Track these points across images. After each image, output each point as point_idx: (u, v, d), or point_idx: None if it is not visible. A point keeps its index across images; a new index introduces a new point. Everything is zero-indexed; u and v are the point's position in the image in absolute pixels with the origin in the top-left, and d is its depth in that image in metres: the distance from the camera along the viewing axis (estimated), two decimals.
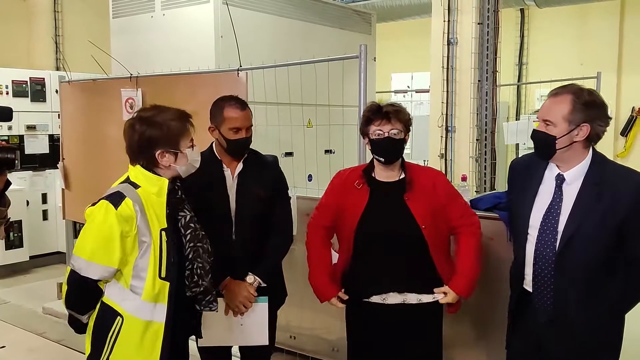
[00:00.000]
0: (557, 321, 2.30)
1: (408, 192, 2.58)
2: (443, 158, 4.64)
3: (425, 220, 2.54)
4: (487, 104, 4.24)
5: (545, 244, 2.28)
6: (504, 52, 8.85)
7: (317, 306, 3.67)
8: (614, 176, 2.24)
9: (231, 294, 2.71)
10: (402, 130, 2.56)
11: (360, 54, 3.31)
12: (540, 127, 2.27)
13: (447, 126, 4.57)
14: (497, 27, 4.19)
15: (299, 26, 5.17)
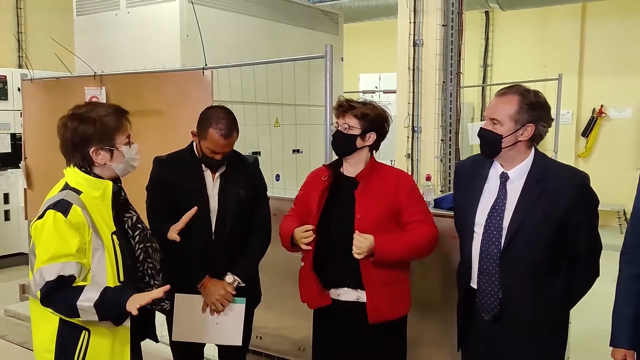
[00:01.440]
0: (502, 318, 2.33)
1: (360, 186, 2.58)
2: (409, 158, 4.69)
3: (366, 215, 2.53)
4: (451, 105, 4.30)
5: (490, 240, 2.32)
6: (469, 54, 9.01)
7: (283, 306, 3.70)
8: (555, 174, 2.30)
9: (209, 292, 2.71)
10: (355, 127, 2.56)
11: (326, 54, 3.33)
12: (487, 126, 2.32)
13: (413, 126, 4.61)
14: (461, 29, 4.25)
15: (266, 25, 5.17)
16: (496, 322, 2.36)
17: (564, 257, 2.33)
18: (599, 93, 8.82)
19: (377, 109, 2.63)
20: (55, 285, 2.00)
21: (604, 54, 8.71)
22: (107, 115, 2.18)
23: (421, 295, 3.06)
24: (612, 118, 8.84)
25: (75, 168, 2.18)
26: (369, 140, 2.60)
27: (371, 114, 2.58)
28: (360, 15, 7.95)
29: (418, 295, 2.77)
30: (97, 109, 2.20)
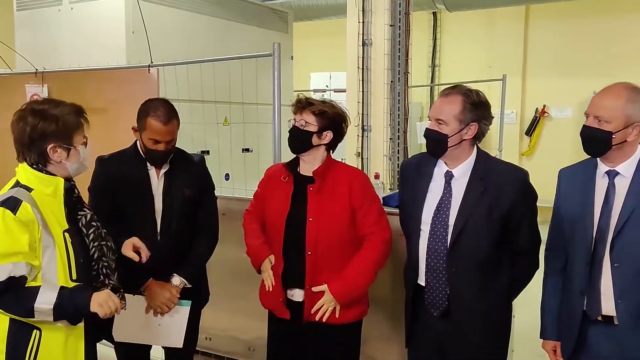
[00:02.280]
0: (450, 314, 2.39)
1: (315, 186, 2.58)
2: (360, 156, 4.72)
3: (317, 215, 2.53)
4: (399, 104, 4.34)
5: (437, 238, 2.37)
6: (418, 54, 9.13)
7: (233, 306, 3.68)
8: (498, 171, 2.38)
9: (153, 295, 2.66)
10: (312, 124, 2.55)
11: (274, 52, 3.32)
12: (432, 126, 2.37)
13: (363, 125, 4.64)
14: (408, 30, 4.28)
15: (215, 23, 5.12)
16: (444, 318, 2.41)
17: (506, 252, 2.40)
18: (541, 93, 9.09)
19: (336, 108, 2.63)
20: (6, 287, 1.97)
21: (547, 55, 8.98)
22: (69, 113, 2.18)
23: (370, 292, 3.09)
24: (554, 118, 9.13)
25: (26, 165, 2.15)
26: (325, 138, 2.59)
27: (329, 112, 2.58)
28: (310, 14, 7.95)
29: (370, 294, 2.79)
30: (59, 107, 2.18)
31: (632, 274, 2.06)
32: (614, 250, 2.08)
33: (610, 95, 2.10)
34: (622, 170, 2.12)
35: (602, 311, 2.13)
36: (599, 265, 2.12)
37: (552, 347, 2.37)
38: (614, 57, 8.23)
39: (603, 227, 2.11)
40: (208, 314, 2.97)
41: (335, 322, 2.57)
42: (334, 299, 2.50)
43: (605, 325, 2.14)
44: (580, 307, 2.18)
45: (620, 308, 2.08)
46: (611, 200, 2.12)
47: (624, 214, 2.06)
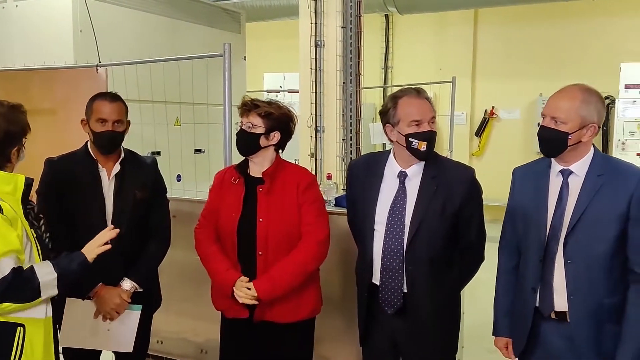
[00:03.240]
0: (405, 311, 2.42)
1: (264, 186, 2.59)
2: (313, 157, 4.73)
3: (267, 215, 2.55)
4: (351, 105, 4.38)
5: (394, 237, 2.40)
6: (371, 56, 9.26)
7: (184, 309, 3.64)
8: (449, 170, 2.45)
9: (102, 300, 2.60)
10: (259, 125, 2.55)
11: (225, 52, 3.30)
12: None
13: (316, 126, 4.66)
14: (360, 31, 4.32)
15: (165, 23, 5.05)
16: (399, 316, 2.44)
17: (457, 247, 2.46)
18: (490, 95, 9.29)
19: (282, 108, 2.63)
20: (13, 277, 1.98)
21: (495, 58, 9.19)
22: (22, 113, 2.20)
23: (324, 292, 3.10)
24: (502, 119, 9.35)
25: None
26: (273, 139, 2.59)
27: (275, 113, 2.58)
28: (263, 15, 7.93)
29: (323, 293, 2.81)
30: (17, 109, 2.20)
31: (584, 271, 2.12)
32: (567, 247, 2.14)
33: (566, 96, 2.16)
34: (575, 170, 2.18)
35: (554, 307, 2.18)
36: (551, 262, 2.17)
37: (504, 344, 2.42)
38: (559, 60, 8.49)
39: (556, 225, 2.17)
40: (159, 317, 2.94)
41: (287, 320, 2.58)
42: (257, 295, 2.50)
43: (557, 322, 2.19)
44: (533, 304, 2.23)
45: (572, 304, 2.14)
46: (565, 199, 2.17)
47: (577, 212, 2.12)
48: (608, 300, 2.13)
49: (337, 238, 3.16)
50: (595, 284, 2.12)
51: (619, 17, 8.22)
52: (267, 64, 9.39)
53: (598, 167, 2.16)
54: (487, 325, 2.49)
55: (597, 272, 2.11)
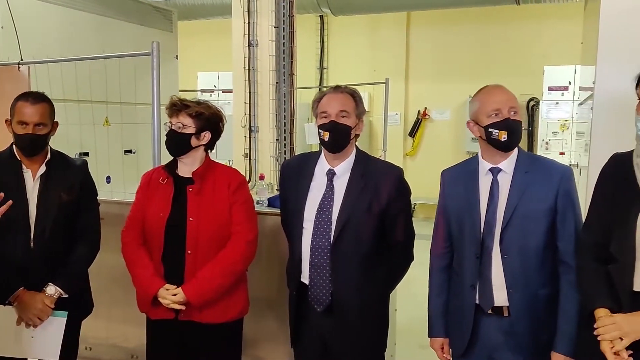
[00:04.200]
0: (333, 309, 2.43)
1: (194, 187, 2.57)
2: (247, 158, 4.71)
3: (198, 215, 2.53)
4: (285, 105, 4.39)
5: (321, 234, 2.41)
6: (306, 56, 9.30)
7: (113, 314, 3.55)
8: (376, 169, 2.48)
9: (24, 306, 2.49)
10: (189, 125, 2.54)
11: (153, 50, 3.23)
12: (337, 119, 2.41)
13: (250, 126, 4.64)
14: (293, 32, 4.34)
15: (93, 20, 4.90)
16: (328, 314, 2.44)
17: (385, 246, 2.48)
18: (422, 96, 9.51)
19: (212, 108, 2.63)
20: None
21: (427, 60, 9.41)
22: None
23: (256, 293, 3.09)
24: (434, 119, 9.58)
25: None
26: (203, 139, 2.58)
27: (206, 113, 2.57)
28: (195, 13, 7.82)
29: (253, 294, 2.80)
30: None
31: (520, 264, 2.18)
32: (503, 242, 2.19)
33: (504, 89, 2.25)
34: (504, 167, 2.25)
35: (494, 302, 2.22)
36: (488, 258, 2.22)
37: (439, 344, 2.43)
38: (487, 63, 8.77)
39: (490, 221, 2.22)
40: (87, 322, 2.84)
41: (215, 321, 2.56)
42: (187, 300, 2.49)
43: (496, 317, 2.23)
44: (472, 301, 2.26)
45: (512, 297, 2.19)
46: (496, 196, 2.23)
47: (510, 208, 2.18)
48: (543, 292, 2.20)
49: (270, 239, 3.16)
50: (530, 277, 2.19)
51: (543, 22, 8.58)
52: (201, 63, 9.28)
53: (524, 164, 2.24)
54: (420, 320, 2.53)
55: (531, 264, 2.19)
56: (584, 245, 2.08)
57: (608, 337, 1.84)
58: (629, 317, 1.83)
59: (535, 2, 6.91)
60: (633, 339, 1.80)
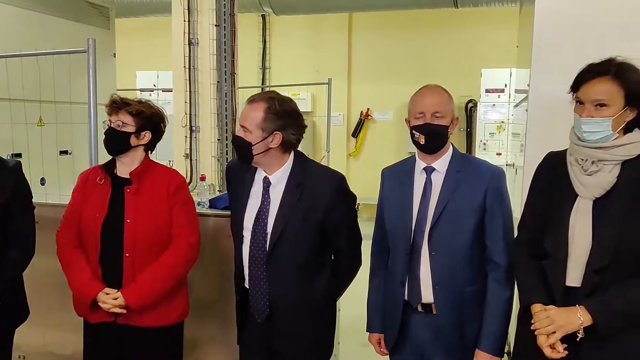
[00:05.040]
0: (273, 320, 2.40)
1: (132, 187, 2.52)
2: (188, 158, 4.63)
3: (136, 216, 2.48)
4: (226, 104, 4.33)
5: (257, 246, 2.36)
6: (248, 56, 9.24)
7: (48, 320, 3.42)
8: (314, 176, 2.40)
9: None
10: (129, 124, 2.49)
11: (89, 48, 3.13)
12: (239, 133, 2.33)
13: (191, 126, 4.57)
14: (234, 31, 4.28)
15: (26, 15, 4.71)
16: (269, 323, 2.41)
17: (328, 253, 2.46)
18: (365, 97, 9.61)
19: (153, 107, 2.59)
20: None
21: (369, 61, 9.50)
22: None
23: (197, 295, 3.04)
24: (377, 120, 9.70)
25: None
26: (143, 139, 2.54)
27: (147, 112, 2.54)
28: (134, 11, 7.63)
29: (194, 295, 2.75)
30: None
31: (447, 262, 2.23)
32: (431, 240, 2.23)
33: (436, 93, 2.27)
34: (437, 167, 2.29)
35: (422, 299, 2.27)
36: (417, 255, 2.26)
37: (377, 339, 2.48)
38: (427, 65, 8.95)
39: (421, 219, 2.26)
40: (21, 329, 2.72)
41: (154, 325, 2.52)
42: (127, 304, 2.44)
43: (425, 314, 2.28)
44: (402, 297, 2.30)
45: (437, 294, 2.24)
46: (428, 194, 2.28)
47: (440, 207, 2.23)
48: (469, 289, 2.25)
49: (211, 240, 3.13)
50: (457, 274, 2.24)
51: (481, 26, 8.81)
52: (140, 62, 9.08)
53: (457, 164, 2.29)
54: (362, 319, 2.54)
55: (458, 262, 2.23)
56: (519, 241, 2.15)
57: (543, 331, 1.90)
58: (561, 311, 1.90)
59: (472, 6, 7.08)
60: (566, 332, 1.87)
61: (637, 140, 1.94)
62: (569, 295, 1.92)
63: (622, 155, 1.93)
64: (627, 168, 1.93)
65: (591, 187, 1.93)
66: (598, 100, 1.92)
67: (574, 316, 1.86)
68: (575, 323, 1.86)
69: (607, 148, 1.93)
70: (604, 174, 1.93)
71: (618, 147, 1.93)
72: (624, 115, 1.93)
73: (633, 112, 1.94)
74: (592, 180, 1.94)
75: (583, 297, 1.89)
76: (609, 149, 1.93)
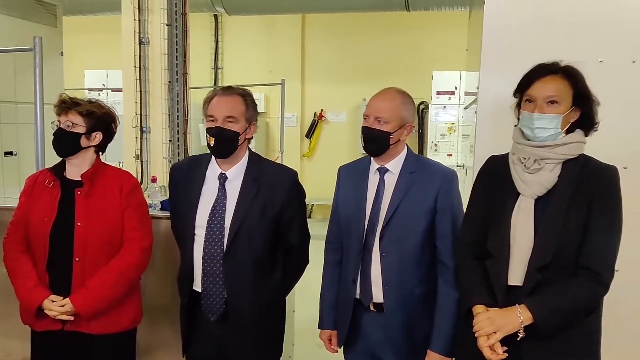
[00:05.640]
0: (228, 317, 2.40)
1: (83, 189, 2.46)
2: (139, 159, 4.56)
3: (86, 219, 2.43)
4: (178, 105, 4.29)
5: (213, 241, 2.36)
6: (200, 55, 9.15)
7: None
8: (270, 172, 2.46)
9: None
10: (80, 125, 2.44)
11: (35, 46, 3.05)
12: (225, 125, 2.34)
13: (141, 127, 4.50)
14: (186, 30, 4.25)
15: None
16: (222, 322, 2.40)
17: (280, 250, 2.48)
18: (319, 98, 9.64)
19: (104, 107, 2.54)
20: None
21: (323, 62, 9.54)
22: None
23: (150, 300, 2.99)
24: (330, 121, 9.74)
25: None
26: (94, 140, 2.49)
27: (97, 112, 2.48)
28: (83, 9, 7.44)
29: (146, 300, 2.70)
30: None
31: (397, 262, 2.25)
32: (382, 240, 2.26)
33: (387, 98, 2.29)
34: (391, 168, 2.32)
35: (373, 298, 2.29)
36: (369, 255, 2.28)
37: (327, 336, 2.49)
38: (380, 67, 9.04)
39: (374, 220, 2.28)
40: None
41: (105, 332, 2.46)
42: (75, 310, 2.38)
43: (376, 313, 2.31)
44: (353, 295, 2.32)
45: (387, 294, 2.26)
46: (381, 195, 2.30)
47: (392, 207, 2.25)
48: (418, 290, 2.28)
49: (164, 243, 3.07)
50: (407, 275, 2.27)
51: (432, 29, 8.95)
52: (88, 61, 8.88)
53: (410, 165, 2.32)
54: (317, 320, 2.55)
55: (408, 263, 2.26)
56: (463, 243, 2.17)
57: (483, 333, 1.92)
58: (501, 312, 1.93)
59: (424, 10, 7.18)
60: (507, 332, 1.90)
61: (579, 140, 2.01)
62: (511, 295, 1.96)
63: (565, 154, 1.98)
64: (568, 168, 1.99)
65: (533, 185, 1.98)
66: (551, 97, 1.97)
67: (513, 316, 1.89)
68: (515, 323, 1.89)
69: (550, 147, 1.98)
70: (546, 173, 1.98)
71: (561, 146, 1.98)
72: (570, 114, 2.00)
73: (577, 113, 2.01)
74: (534, 178, 1.99)
75: (525, 296, 1.93)
76: (552, 147, 1.98)
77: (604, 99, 2.07)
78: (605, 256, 1.93)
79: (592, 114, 2.03)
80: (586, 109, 2.01)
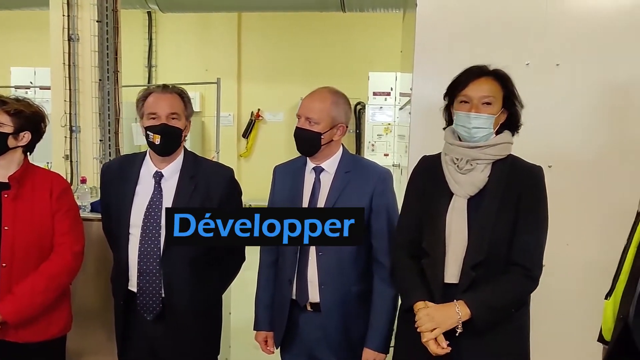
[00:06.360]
0: (164, 316, 2.37)
1: (11, 192, 2.37)
2: (68, 159, 4.45)
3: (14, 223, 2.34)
4: (109, 104, 4.21)
5: (150, 240, 2.33)
6: (134, 53, 8.95)
7: None
8: (207, 170, 2.45)
9: None
10: (7, 124, 2.34)
11: None
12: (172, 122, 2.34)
13: (71, 126, 4.40)
14: (117, 27, 4.18)
15: None
16: (158, 322, 2.37)
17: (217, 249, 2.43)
18: (256, 98, 9.59)
19: (33, 106, 2.45)
20: None
21: (259, 61, 9.50)
22: None
23: (81, 305, 2.90)
24: (268, 121, 9.71)
25: None
26: (22, 140, 2.39)
27: (26, 111, 2.39)
28: (7, 3, 7.17)
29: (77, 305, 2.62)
30: None
31: (334, 261, 2.27)
32: None
33: (318, 98, 2.29)
34: (326, 167, 2.33)
35: (309, 298, 2.30)
36: (305, 254, 2.29)
37: (263, 337, 2.48)
38: (317, 67, 9.07)
39: None
40: None
41: (33, 340, 2.38)
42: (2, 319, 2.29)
43: (313, 313, 2.31)
44: (289, 295, 2.32)
45: (323, 293, 2.27)
46: (317, 194, 2.31)
47: (328, 206, 2.26)
48: (355, 288, 2.31)
49: (95, 246, 2.99)
50: (343, 274, 2.29)
51: (368, 31, 9.05)
52: (15, 57, 8.56)
53: (346, 164, 2.34)
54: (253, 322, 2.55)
55: (345, 262, 2.28)
56: (398, 243, 2.20)
57: (424, 329, 1.95)
58: (440, 308, 1.97)
59: (359, 11, 7.27)
60: (445, 328, 1.94)
61: (507, 141, 2.08)
62: (448, 292, 2.00)
63: (494, 155, 2.05)
64: (497, 168, 2.05)
65: (466, 185, 2.04)
66: (486, 97, 2.02)
67: (452, 311, 1.94)
68: (454, 318, 1.93)
69: (481, 147, 2.04)
70: (477, 173, 2.04)
71: (491, 146, 2.04)
72: (500, 116, 2.07)
73: (505, 114, 2.08)
74: (467, 178, 2.04)
75: (461, 293, 1.97)
76: (482, 148, 2.04)
77: (531, 100, 2.17)
78: (534, 253, 2.01)
79: (518, 116, 2.10)
80: (513, 110, 2.09)
